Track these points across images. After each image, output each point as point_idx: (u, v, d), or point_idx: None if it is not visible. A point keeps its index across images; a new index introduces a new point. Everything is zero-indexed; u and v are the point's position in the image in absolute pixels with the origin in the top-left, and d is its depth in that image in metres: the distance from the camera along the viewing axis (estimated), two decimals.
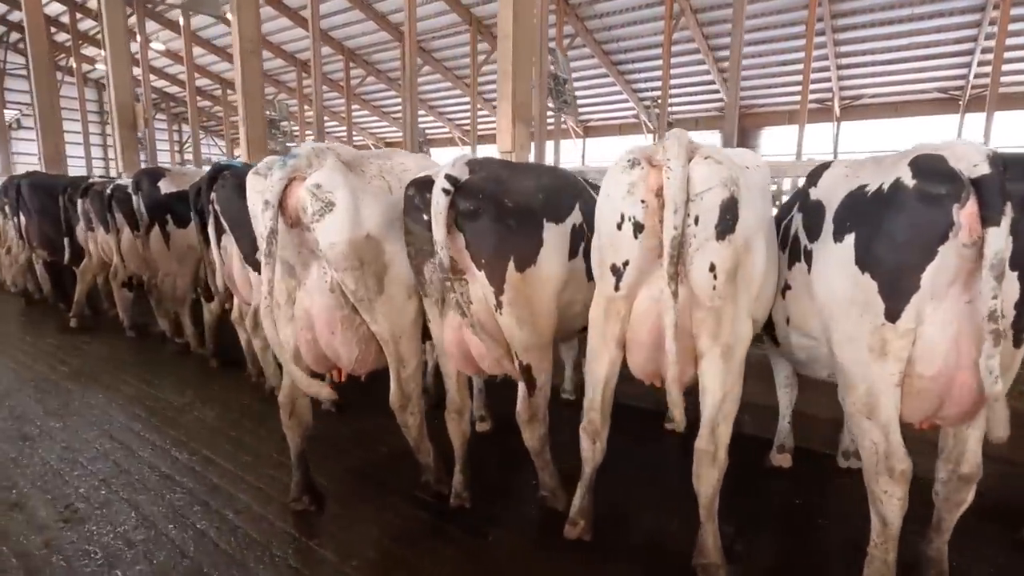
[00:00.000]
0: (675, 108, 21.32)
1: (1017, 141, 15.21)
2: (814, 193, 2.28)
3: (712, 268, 2.02)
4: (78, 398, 4.35)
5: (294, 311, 2.58)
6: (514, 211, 2.26)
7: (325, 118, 17.10)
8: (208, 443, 3.60)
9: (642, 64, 19.61)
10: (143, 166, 7.93)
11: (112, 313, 6.86)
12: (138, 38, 16.67)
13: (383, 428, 3.41)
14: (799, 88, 17.72)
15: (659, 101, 16.59)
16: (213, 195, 3.94)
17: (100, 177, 7.31)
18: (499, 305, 2.31)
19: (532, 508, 2.89)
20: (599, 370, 2.33)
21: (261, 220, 2.29)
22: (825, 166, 2.32)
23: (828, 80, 18.04)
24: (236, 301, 4.46)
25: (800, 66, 16.37)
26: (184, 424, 3.89)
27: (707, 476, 2.20)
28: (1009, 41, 12.69)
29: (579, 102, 20.42)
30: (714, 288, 2.04)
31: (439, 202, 2.17)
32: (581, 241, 2.46)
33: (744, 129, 21.72)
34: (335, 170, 2.34)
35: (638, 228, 2.05)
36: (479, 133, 21.77)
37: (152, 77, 20.71)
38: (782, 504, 2.97)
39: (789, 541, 2.66)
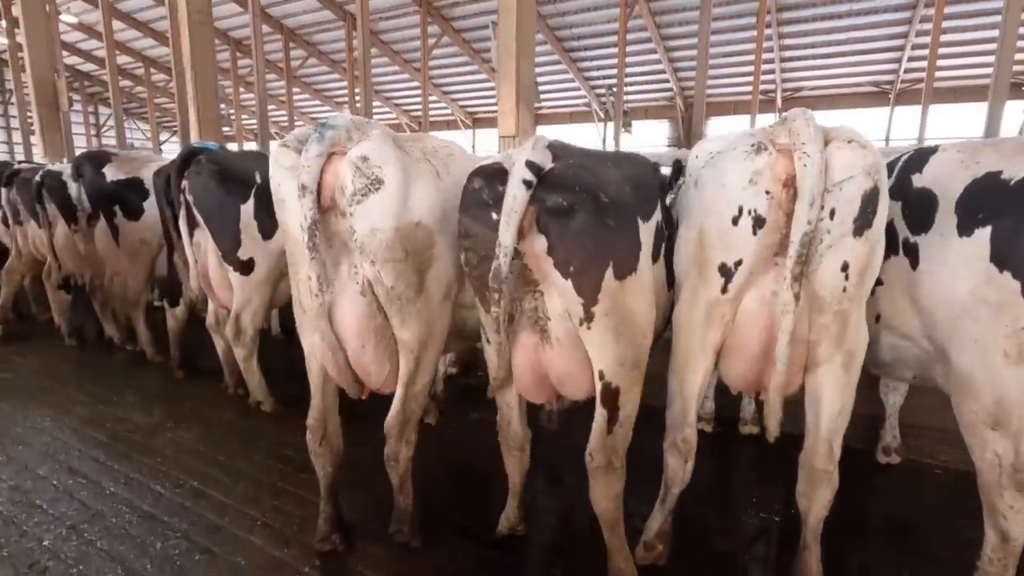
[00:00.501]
0: (626, 97, 21.42)
1: (947, 133, 16.22)
2: (918, 180, 2.10)
3: (845, 268, 1.79)
4: (20, 422, 3.68)
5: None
6: (611, 207, 1.82)
7: None
8: (193, 471, 3.10)
9: (595, 52, 19.51)
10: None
11: (43, 318, 6.00)
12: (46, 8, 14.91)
13: None
14: (743, 79, 18.22)
15: (614, 90, 16.55)
16: (185, 182, 3.39)
17: (23, 163, 6.35)
18: (588, 319, 1.88)
19: (587, 532, 2.61)
20: (695, 380, 2.07)
21: (295, 207, 1.92)
22: (930, 151, 2.14)
23: (772, 72, 18.59)
24: (211, 306, 3.90)
25: (744, 58, 16.78)
26: (158, 449, 3.34)
27: (821, 497, 2.00)
28: (941, 38, 13.40)
29: None
30: (844, 290, 1.82)
31: (517, 196, 1.73)
32: (663, 241, 2.15)
33: (691, 119, 22.15)
34: (384, 142, 1.97)
35: (759, 223, 1.80)
36: (430, 120, 21.09)
37: (63, 53, 18.66)
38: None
39: (848, 544, 2.52)
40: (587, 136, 23.15)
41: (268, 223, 3.52)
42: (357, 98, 22.46)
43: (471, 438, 3.49)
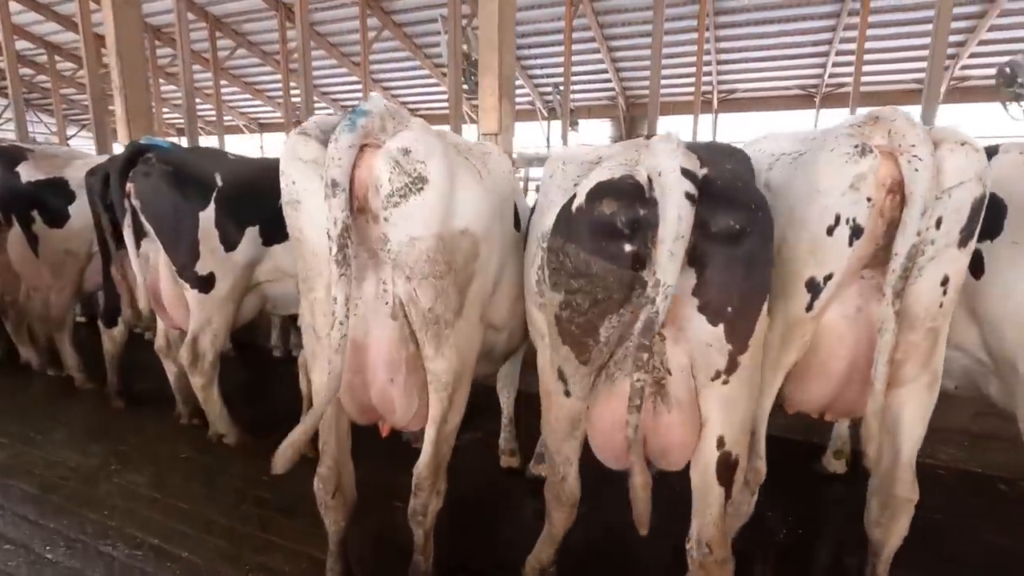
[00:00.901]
0: (571, 96, 21.50)
1: None
2: None
3: (944, 282, 1.64)
4: None
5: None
6: (769, 226, 1.51)
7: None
8: (152, 526, 2.60)
9: (539, 50, 19.42)
10: None
11: None
12: None
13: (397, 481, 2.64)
14: (682, 81, 18.68)
15: (560, 88, 16.51)
16: (131, 185, 2.87)
17: None
18: (730, 371, 1.53)
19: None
20: (766, 406, 1.87)
21: (317, 209, 1.59)
22: (988, 151, 2.02)
23: (710, 75, 19.17)
24: (161, 326, 3.37)
25: (682, 59, 17.19)
26: (104, 499, 2.80)
27: (901, 527, 1.86)
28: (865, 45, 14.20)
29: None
30: (940, 306, 1.67)
31: (683, 218, 1.35)
32: None
33: (632, 118, 22.58)
34: (428, 132, 1.67)
35: (856, 233, 1.61)
36: None
37: None
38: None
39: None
40: (531, 135, 23.11)
41: (232, 232, 3.05)
42: (295, 94, 21.40)
43: (466, 462, 3.16)
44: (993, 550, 2.48)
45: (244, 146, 26.52)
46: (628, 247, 1.44)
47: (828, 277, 1.69)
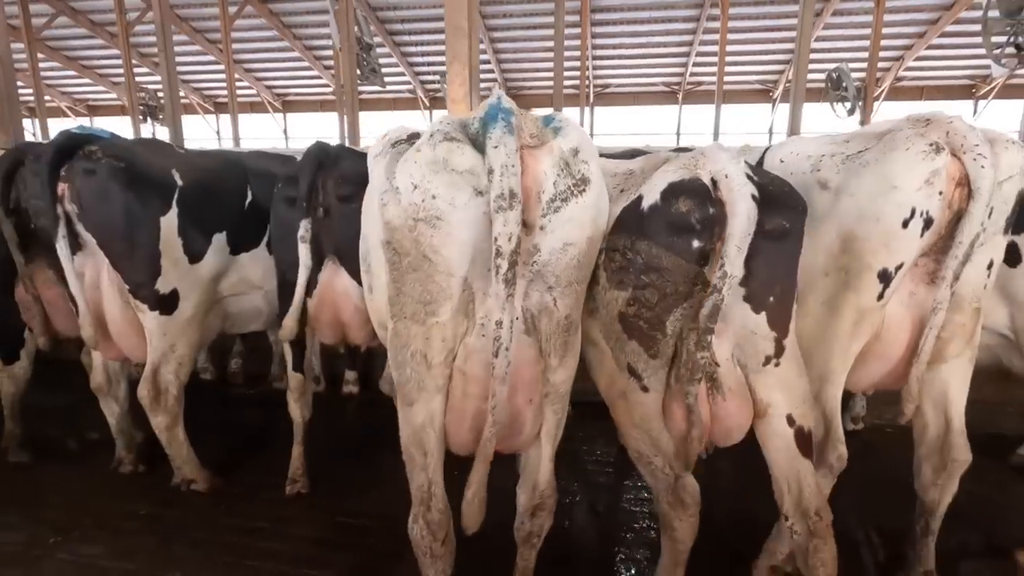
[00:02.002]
0: None
1: (734, 131, 19.34)
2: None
3: (990, 265, 1.87)
4: None
5: (452, 369, 1.62)
6: (804, 224, 1.71)
7: None
8: None
9: (421, 36, 18.95)
10: None
11: None
12: None
13: None
14: (566, 73, 19.35)
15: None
16: (64, 187, 2.31)
17: None
18: (779, 353, 1.68)
19: None
20: (838, 394, 2.00)
21: (463, 224, 1.46)
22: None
23: (586, 69, 20.06)
24: (99, 359, 2.77)
25: (566, 52, 17.79)
26: None
27: (954, 486, 2.08)
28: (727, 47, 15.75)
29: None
30: (985, 287, 1.89)
31: (751, 217, 1.49)
32: None
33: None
34: (579, 128, 1.55)
35: (928, 224, 1.77)
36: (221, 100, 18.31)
37: None
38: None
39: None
40: (413, 123, 22.54)
41: (197, 240, 2.59)
42: (143, 76, 18.67)
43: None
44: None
45: None
46: (697, 243, 1.56)
47: (899, 267, 1.84)
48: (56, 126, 21.42)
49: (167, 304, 2.53)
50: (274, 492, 2.83)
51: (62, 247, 2.33)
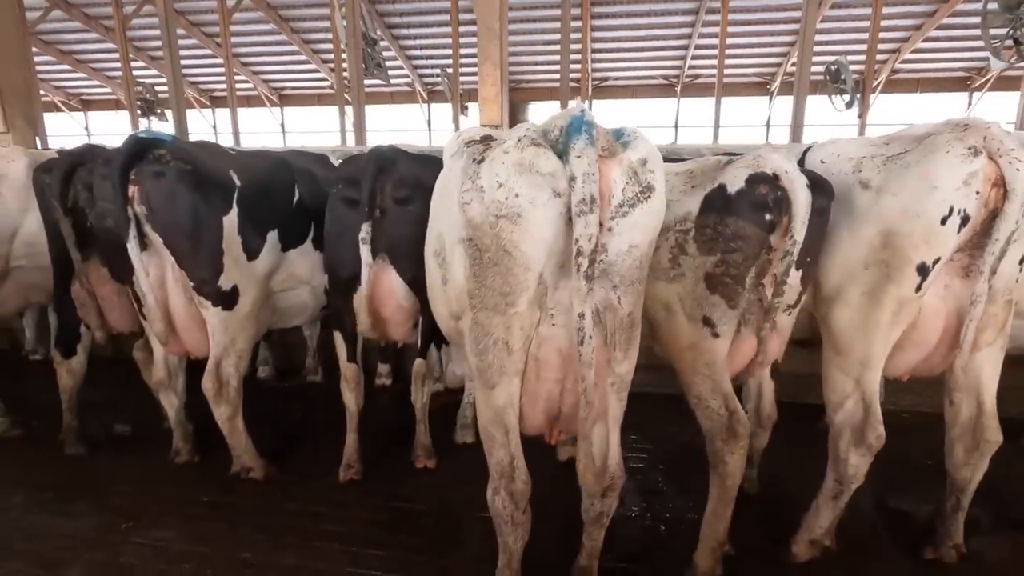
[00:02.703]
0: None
1: (731, 123, 19.49)
2: None
3: (1022, 260, 2.01)
4: None
5: (528, 355, 1.78)
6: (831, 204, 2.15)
7: None
8: None
9: (419, 30, 18.90)
10: None
11: None
12: None
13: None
14: (559, 68, 19.39)
15: (449, 71, 16.26)
16: (134, 188, 2.41)
17: None
18: (796, 304, 2.21)
19: None
20: (876, 379, 2.15)
21: (540, 223, 1.62)
22: None
23: (587, 62, 20.07)
24: (160, 354, 2.88)
25: (559, 47, 17.83)
26: (139, 565, 2.36)
27: (984, 465, 2.24)
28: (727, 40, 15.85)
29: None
30: (1017, 281, 2.04)
31: (807, 200, 1.95)
32: None
33: (513, 103, 22.90)
34: (648, 141, 1.71)
35: (965, 222, 1.91)
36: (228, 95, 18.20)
37: None
38: None
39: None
40: (411, 116, 22.54)
41: (254, 238, 2.69)
42: (139, 70, 18.48)
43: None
44: None
45: (64, 126, 22.52)
46: (769, 217, 1.98)
47: (936, 261, 1.98)
48: (51, 121, 21.23)
49: (228, 300, 2.64)
50: (325, 479, 2.96)
51: (133, 247, 2.43)
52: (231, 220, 2.58)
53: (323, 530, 2.58)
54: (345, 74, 11.55)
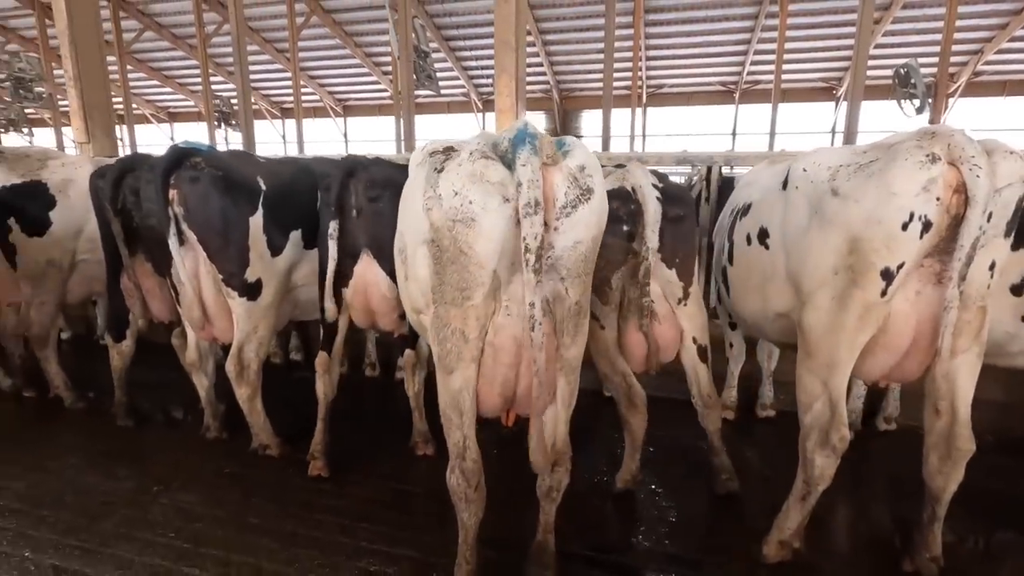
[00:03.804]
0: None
1: (790, 129, 18.85)
2: None
3: (992, 266, 2.00)
4: None
5: (484, 344, 1.95)
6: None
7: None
8: (232, 544, 2.53)
9: (474, 41, 19.39)
10: None
11: None
12: None
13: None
14: (615, 75, 19.31)
15: None
16: (175, 191, 2.74)
17: None
18: (686, 297, 2.65)
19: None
20: (843, 381, 2.18)
21: (491, 226, 1.77)
22: None
23: (640, 70, 19.93)
24: (192, 339, 3.23)
25: (618, 54, 17.79)
26: (162, 521, 2.67)
27: (959, 474, 2.19)
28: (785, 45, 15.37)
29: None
30: (988, 287, 2.02)
31: (657, 210, 2.41)
32: None
33: (566, 111, 23.07)
34: (586, 149, 1.89)
35: (926, 227, 1.92)
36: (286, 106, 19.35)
37: None
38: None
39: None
40: (467, 125, 23.08)
41: (278, 237, 2.99)
42: (218, 84, 19.94)
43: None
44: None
45: (153, 136, 24.58)
46: (625, 227, 2.49)
47: (900, 266, 1.99)
48: (141, 132, 23.30)
49: (253, 291, 2.95)
50: (333, 460, 3.20)
51: (174, 243, 2.77)
52: (257, 220, 2.89)
53: (323, 504, 2.83)
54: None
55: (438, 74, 21.98)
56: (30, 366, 4.02)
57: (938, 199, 1.89)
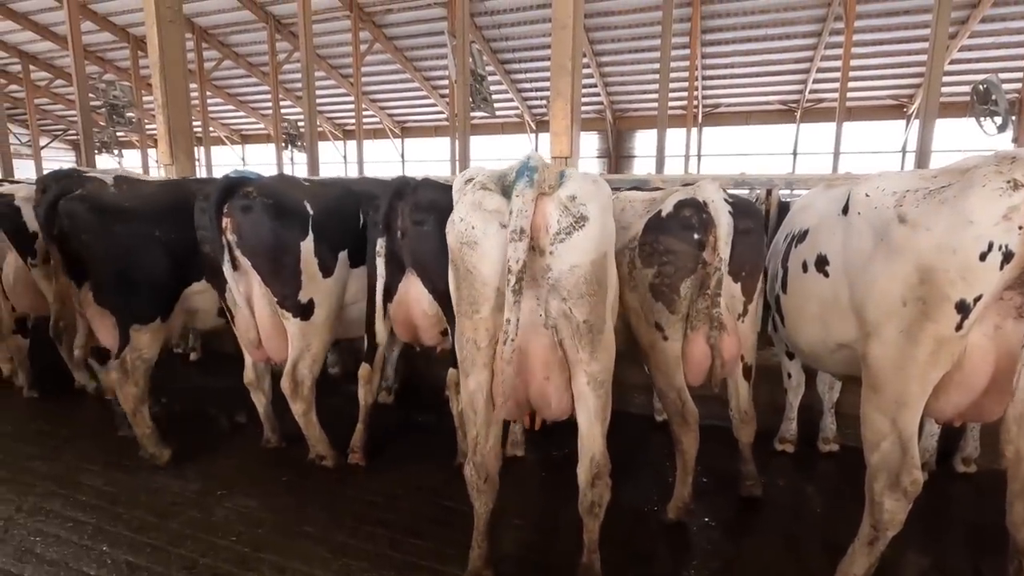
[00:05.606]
0: None
1: (856, 148, 18.14)
2: None
3: None
4: (15, 508, 2.98)
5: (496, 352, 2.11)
6: None
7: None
8: (288, 551, 2.62)
9: (529, 64, 19.71)
10: None
11: None
12: None
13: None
14: (671, 95, 19.16)
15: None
16: (228, 219, 2.91)
17: None
18: (744, 313, 2.67)
19: None
20: (914, 420, 2.06)
21: (492, 249, 1.99)
22: None
23: (696, 89, 19.67)
24: (249, 360, 3.40)
25: (673, 74, 17.68)
26: (224, 525, 2.81)
27: None
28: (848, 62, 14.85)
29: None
30: None
31: (730, 223, 2.40)
32: None
33: (619, 131, 23.02)
34: (585, 179, 2.02)
35: (1008, 258, 1.81)
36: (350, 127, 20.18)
37: None
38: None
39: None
40: (520, 146, 23.38)
41: (328, 258, 3.13)
42: (286, 108, 21.15)
43: None
44: None
45: (226, 157, 26.20)
46: (696, 236, 2.50)
47: (977, 299, 1.88)
48: (216, 153, 24.89)
49: (306, 311, 3.08)
50: (385, 473, 3.29)
51: (228, 269, 2.93)
52: (308, 244, 3.02)
53: (374, 516, 2.89)
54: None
55: (492, 96, 22.51)
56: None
57: (1020, 228, 1.79)
